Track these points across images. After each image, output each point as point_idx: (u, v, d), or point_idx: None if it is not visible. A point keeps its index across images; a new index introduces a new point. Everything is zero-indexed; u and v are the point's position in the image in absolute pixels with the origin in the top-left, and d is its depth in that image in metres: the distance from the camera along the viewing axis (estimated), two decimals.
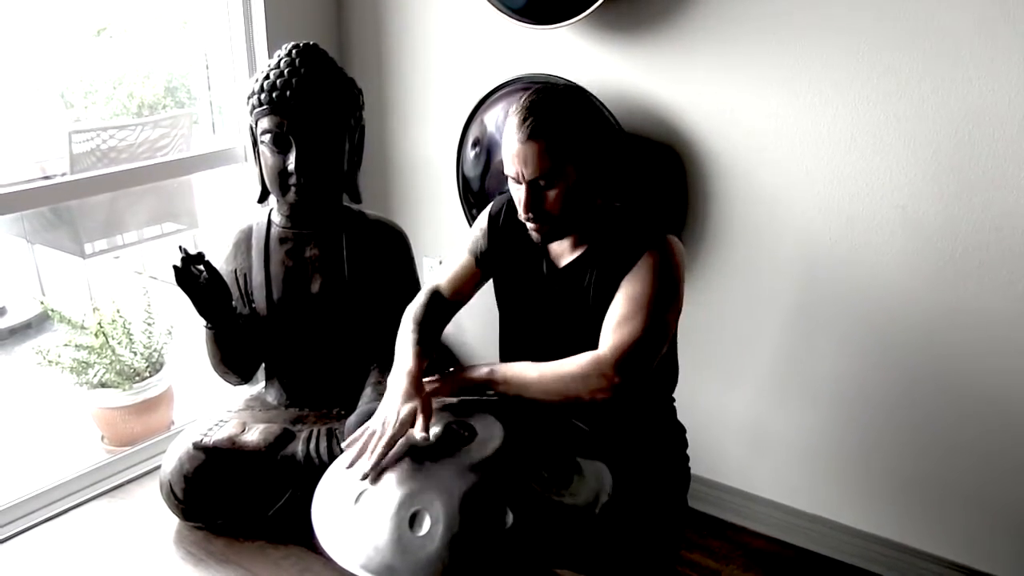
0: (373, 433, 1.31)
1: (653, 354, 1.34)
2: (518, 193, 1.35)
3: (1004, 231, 1.55)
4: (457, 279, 1.58)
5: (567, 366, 1.34)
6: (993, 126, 1.51)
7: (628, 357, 1.31)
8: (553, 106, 1.30)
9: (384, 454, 1.26)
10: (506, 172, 1.35)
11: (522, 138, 1.29)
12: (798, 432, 1.90)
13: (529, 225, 1.38)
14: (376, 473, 1.25)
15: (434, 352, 1.51)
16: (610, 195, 1.43)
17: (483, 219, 1.57)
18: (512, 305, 1.56)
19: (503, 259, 1.54)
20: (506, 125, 1.33)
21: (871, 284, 1.72)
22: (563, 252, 1.46)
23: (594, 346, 1.36)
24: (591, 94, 1.85)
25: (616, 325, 1.33)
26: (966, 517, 1.74)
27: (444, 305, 1.58)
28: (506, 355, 1.59)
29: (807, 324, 1.82)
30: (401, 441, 1.29)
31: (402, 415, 1.30)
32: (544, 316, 1.49)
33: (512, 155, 1.32)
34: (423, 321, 1.52)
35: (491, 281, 1.60)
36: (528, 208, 1.34)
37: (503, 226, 1.53)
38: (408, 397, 1.34)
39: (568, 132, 1.30)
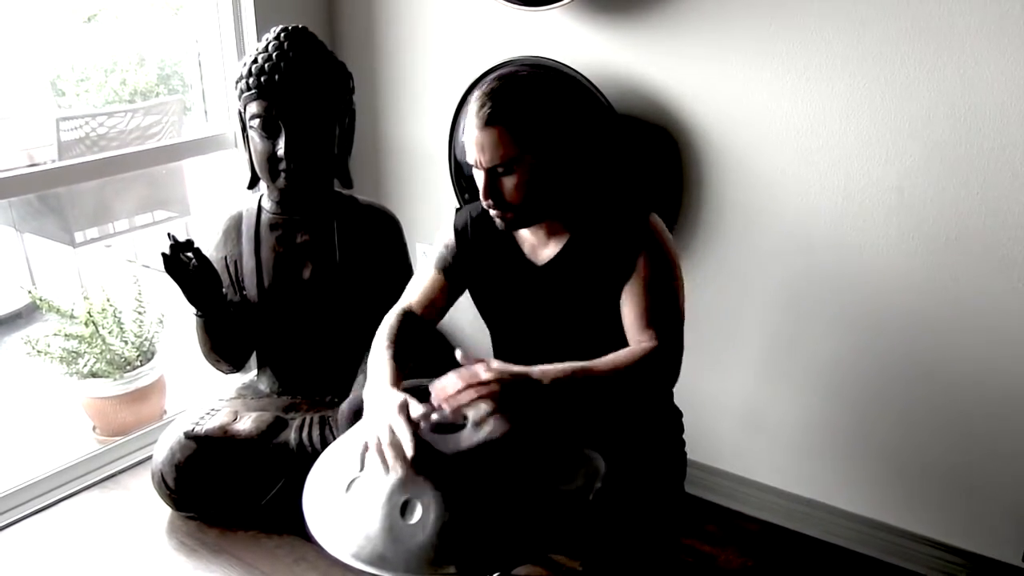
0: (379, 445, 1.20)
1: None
2: (478, 180, 1.34)
3: (1001, 213, 1.54)
4: (427, 297, 1.53)
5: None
6: (990, 107, 1.50)
7: (676, 338, 1.35)
8: (513, 93, 1.28)
9: (406, 460, 1.16)
10: (468, 159, 1.34)
11: (479, 124, 1.28)
12: (794, 416, 1.90)
13: (492, 212, 1.37)
14: (363, 461, 1.22)
15: (408, 365, 1.43)
16: (584, 181, 1.41)
17: (448, 234, 1.53)
18: (496, 310, 1.54)
19: (476, 267, 1.51)
20: (467, 111, 1.31)
21: (867, 267, 1.70)
22: (540, 246, 1.44)
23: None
24: (581, 76, 1.83)
25: (648, 322, 1.34)
26: (964, 500, 1.73)
27: (417, 323, 1.52)
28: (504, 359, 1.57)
29: (803, 308, 1.81)
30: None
31: (395, 430, 1.19)
32: (530, 315, 1.47)
33: (470, 142, 1.30)
34: (397, 338, 1.44)
35: (467, 294, 1.57)
36: (487, 195, 1.33)
37: (472, 236, 1.50)
38: (388, 415, 1.21)
39: (527, 119, 1.28)
